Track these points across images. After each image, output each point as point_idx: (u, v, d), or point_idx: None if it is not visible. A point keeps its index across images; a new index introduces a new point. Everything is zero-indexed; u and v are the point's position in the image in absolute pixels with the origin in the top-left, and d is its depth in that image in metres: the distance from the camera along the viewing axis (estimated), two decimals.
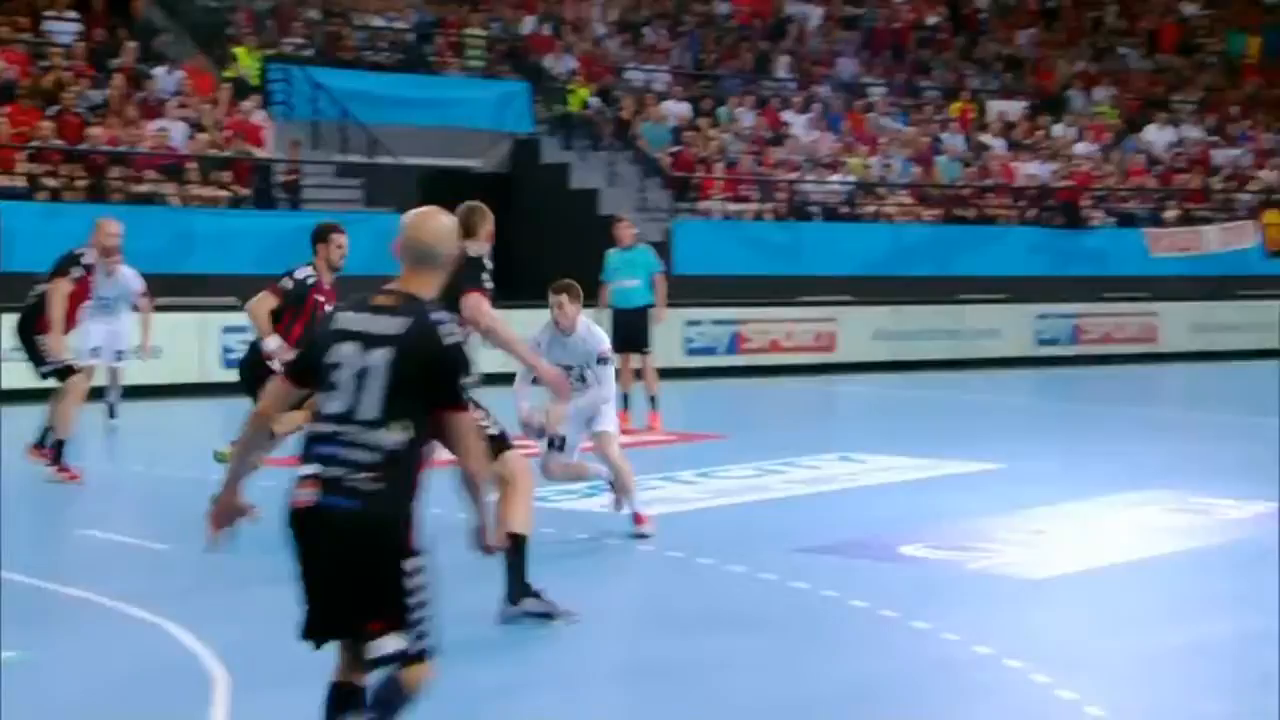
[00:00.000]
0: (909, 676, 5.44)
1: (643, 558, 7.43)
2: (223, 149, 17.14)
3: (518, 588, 6.00)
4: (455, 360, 3.67)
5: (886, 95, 24.07)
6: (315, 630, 3.75)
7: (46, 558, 7.32)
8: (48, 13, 18.21)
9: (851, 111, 23.17)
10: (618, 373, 12.85)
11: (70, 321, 9.44)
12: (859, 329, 19.17)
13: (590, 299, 13.50)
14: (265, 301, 7.84)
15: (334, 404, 3.63)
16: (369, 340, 3.64)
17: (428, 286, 3.76)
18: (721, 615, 6.28)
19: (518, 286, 20.60)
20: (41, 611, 6.18)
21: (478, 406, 6.28)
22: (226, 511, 3.86)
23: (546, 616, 5.93)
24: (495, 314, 6.43)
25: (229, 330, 14.58)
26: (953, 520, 8.37)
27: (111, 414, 11.86)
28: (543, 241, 20.57)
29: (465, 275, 6.21)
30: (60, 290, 9.21)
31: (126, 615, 6.03)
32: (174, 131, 16.87)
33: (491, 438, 6.17)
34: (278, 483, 8.56)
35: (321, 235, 7.92)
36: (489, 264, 6.58)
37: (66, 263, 9.36)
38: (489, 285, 6.48)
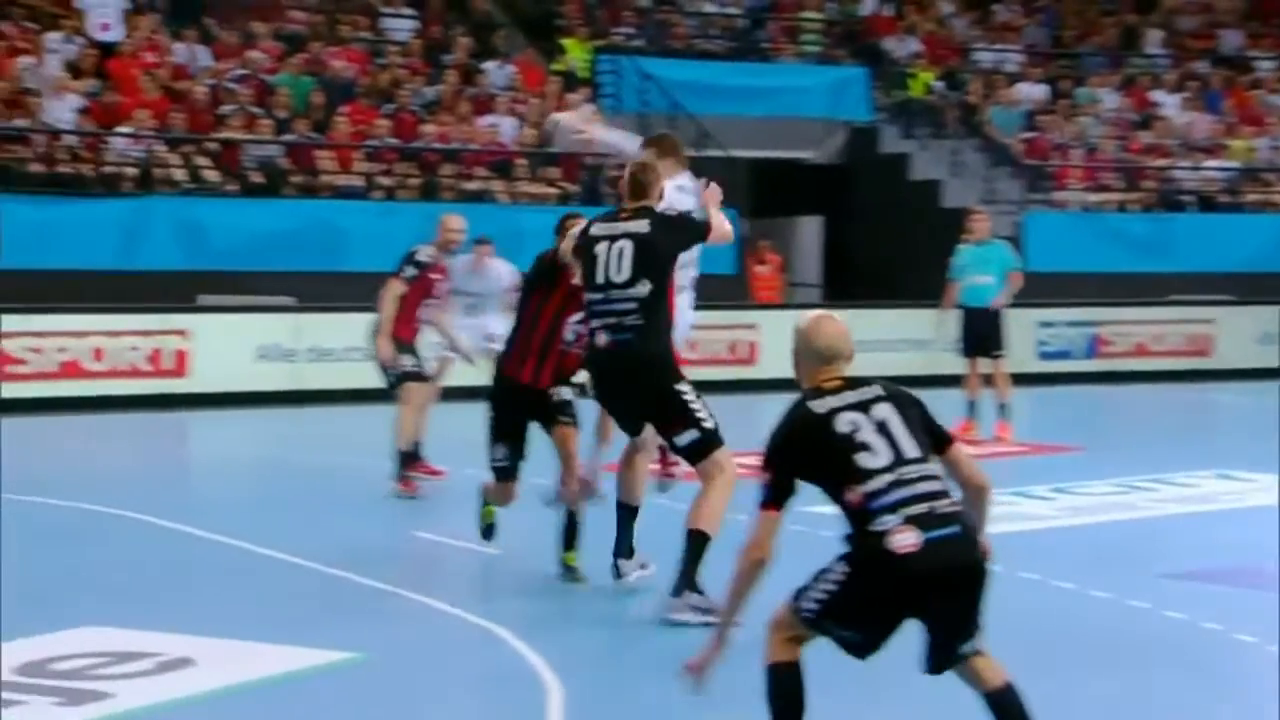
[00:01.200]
0: None
1: (993, 579, 7.22)
2: (550, 146, 17.74)
3: (687, 580, 6.10)
4: (924, 404, 4.25)
5: (1277, 69, 22.68)
6: (942, 663, 4.13)
7: (385, 560, 7.69)
8: (386, 10, 19.31)
9: (1235, 89, 21.95)
10: (964, 378, 12.65)
11: (410, 322, 9.53)
12: (1241, 332, 18.14)
13: (933, 297, 13.33)
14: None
15: (877, 459, 4.03)
16: (864, 404, 4.11)
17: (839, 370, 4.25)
18: (1086, 645, 6.03)
19: (854, 283, 20.64)
20: (380, 613, 6.49)
21: (696, 398, 6.28)
22: (710, 662, 4.14)
23: (707, 613, 5.87)
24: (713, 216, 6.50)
25: None
26: None
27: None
28: (880, 236, 20.40)
29: (686, 226, 6.31)
30: (391, 290, 9.35)
31: (461, 620, 6.29)
32: (504, 127, 17.58)
33: (706, 431, 6.20)
34: (666, 500, 8.65)
35: (560, 227, 7.20)
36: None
37: (401, 261, 9.50)
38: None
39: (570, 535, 7.02)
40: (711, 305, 16.52)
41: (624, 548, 6.72)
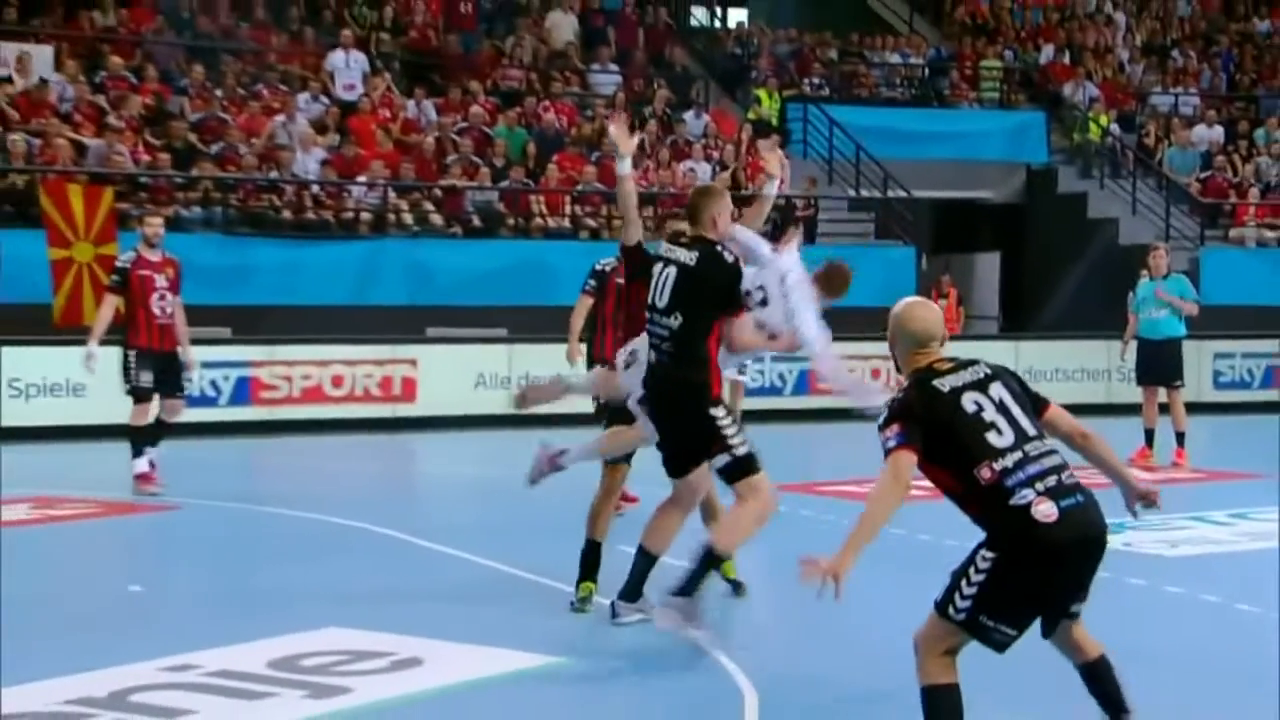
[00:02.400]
0: None
1: (1172, 600, 7.00)
2: (745, 188, 17.79)
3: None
4: (1019, 375, 4.25)
5: None
6: (1056, 623, 4.14)
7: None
8: (592, 67, 19.66)
9: None
10: (1143, 407, 12.24)
11: (609, 329, 9.13)
12: None
13: (1113, 330, 12.94)
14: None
15: (1004, 438, 4.03)
16: (981, 384, 4.10)
17: (937, 353, 4.21)
18: (1269, 665, 5.78)
19: (1029, 316, 20.19)
20: (588, 621, 6.56)
21: (733, 423, 5.83)
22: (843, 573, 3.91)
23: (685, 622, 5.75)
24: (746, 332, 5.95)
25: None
26: None
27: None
28: (1057, 272, 19.93)
29: (729, 277, 5.72)
30: (579, 305, 9.35)
31: (663, 632, 6.31)
32: (700, 172, 17.71)
33: (738, 457, 5.81)
34: (814, 512, 8.56)
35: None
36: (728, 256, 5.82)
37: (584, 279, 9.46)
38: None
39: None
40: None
41: (630, 590, 6.22)
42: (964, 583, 3.95)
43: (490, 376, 14.94)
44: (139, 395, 10.01)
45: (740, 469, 5.86)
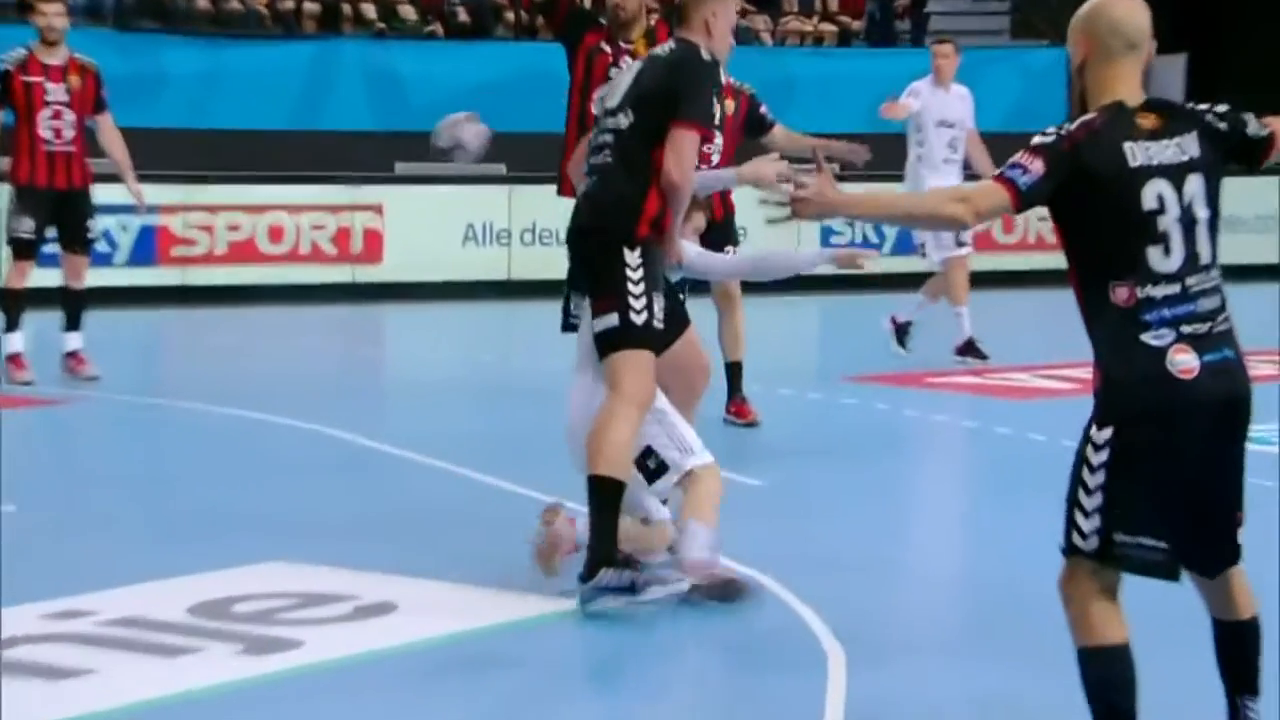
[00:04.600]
0: None
1: None
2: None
3: (595, 555, 5.68)
4: (1239, 127, 4.20)
5: None
6: (1227, 557, 4.13)
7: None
8: None
9: None
10: None
11: None
12: None
13: None
14: None
15: (1169, 262, 4.01)
16: (1179, 171, 4.05)
17: (1141, 78, 4.13)
18: None
19: (1224, 94, 19.96)
20: None
21: (641, 283, 5.72)
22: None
23: (633, 589, 5.65)
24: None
25: None
26: None
27: (900, 339, 11.36)
28: (1267, 82, 19.71)
29: (688, 84, 5.74)
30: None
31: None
32: None
33: (627, 323, 5.75)
34: (920, 411, 8.55)
35: None
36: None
37: None
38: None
39: None
40: None
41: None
42: (1082, 494, 3.98)
43: (483, 228, 14.99)
44: (16, 248, 10.10)
45: (622, 337, 5.76)
